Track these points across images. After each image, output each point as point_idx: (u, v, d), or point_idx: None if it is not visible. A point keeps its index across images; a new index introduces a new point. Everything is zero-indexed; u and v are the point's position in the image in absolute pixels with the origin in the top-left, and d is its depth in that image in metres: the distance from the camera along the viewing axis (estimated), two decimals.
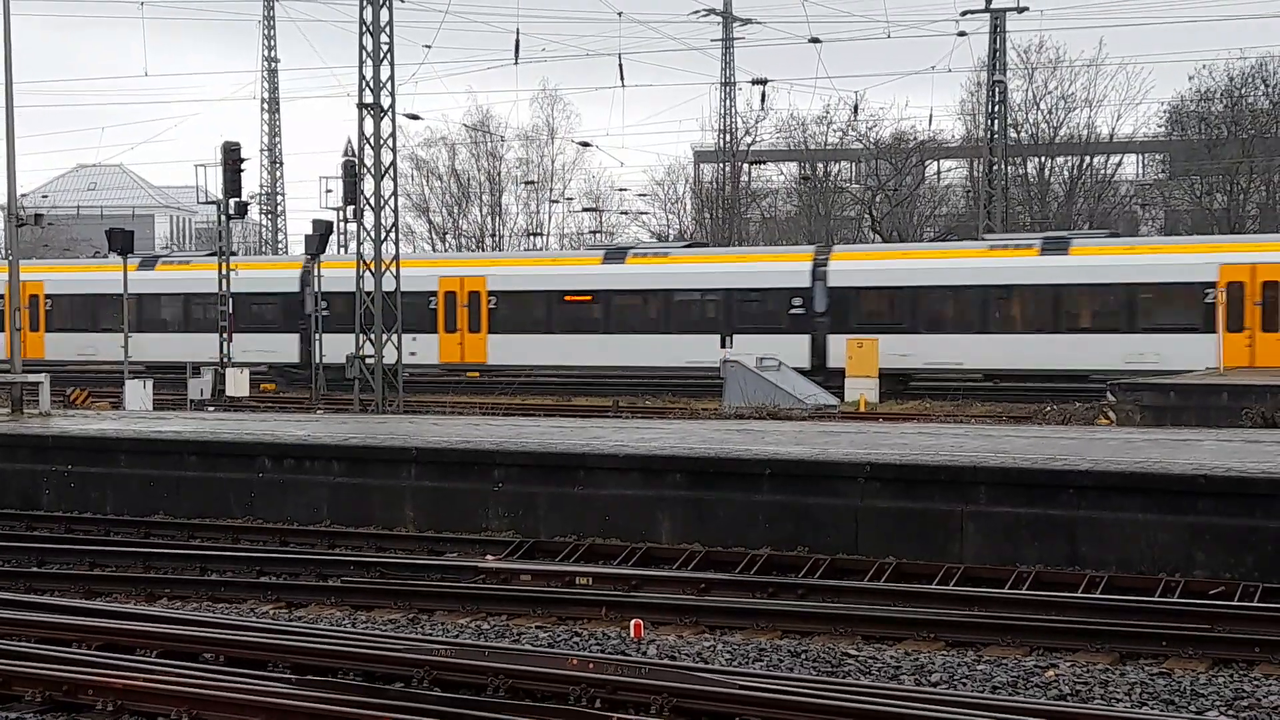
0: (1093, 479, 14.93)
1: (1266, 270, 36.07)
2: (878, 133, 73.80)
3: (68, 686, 9.88)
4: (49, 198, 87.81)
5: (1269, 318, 36.03)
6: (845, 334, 38.97)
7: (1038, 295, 38.33)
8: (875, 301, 39.97)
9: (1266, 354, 35.81)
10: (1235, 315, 35.97)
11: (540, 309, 42.75)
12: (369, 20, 33.97)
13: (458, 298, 43.82)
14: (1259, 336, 36.02)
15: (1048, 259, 38.50)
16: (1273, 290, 36.05)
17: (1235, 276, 36.19)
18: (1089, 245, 39.59)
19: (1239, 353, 35.81)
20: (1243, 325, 36.13)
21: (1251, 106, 69.08)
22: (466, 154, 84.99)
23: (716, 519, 16.42)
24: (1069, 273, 38.13)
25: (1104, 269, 38.03)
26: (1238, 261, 36.54)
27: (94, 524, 19.23)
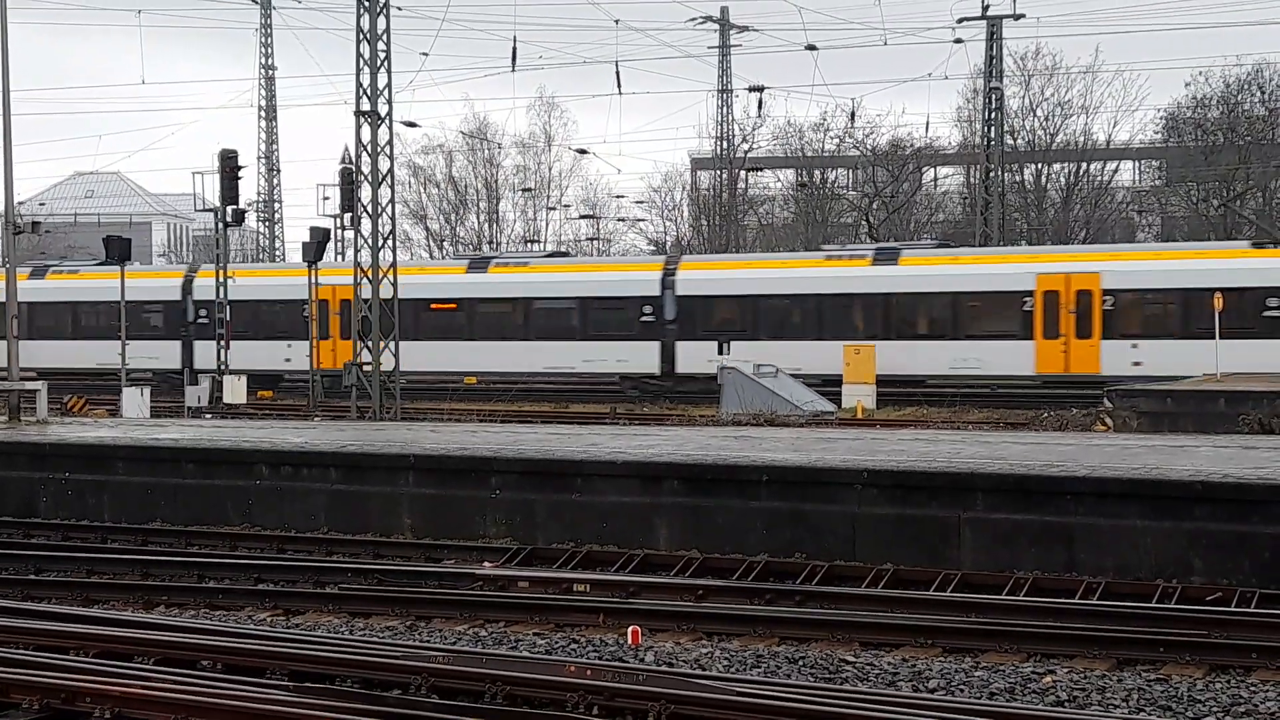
0: (1090, 485, 14.94)
1: (1079, 280, 38.03)
2: (874, 140, 73.95)
3: (65, 694, 9.86)
4: (46, 205, 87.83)
5: (1082, 325, 37.86)
6: (693, 341, 40.72)
7: (871, 304, 40.20)
8: (721, 309, 41.60)
9: (1080, 360, 37.81)
10: (1051, 322, 38.05)
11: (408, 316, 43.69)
12: (366, 28, 33.98)
13: (329, 306, 44.97)
14: (1073, 343, 37.89)
15: (879, 269, 40.27)
16: (1086, 298, 37.91)
17: (1051, 286, 38.21)
18: (917, 256, 41.30)
19: (1054, 358, 37.99)
20: (1058, 332, 38.06)
21: (1247, 113, 69.19)
22: (464, 161, 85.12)
23: (714, 526, 16.42)
24: (898, 282, 40.00)
25: (931, 278, 39.90)
26: (1053, 271, 38.56)
27: (91, 531, 19.22)
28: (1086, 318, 38.03)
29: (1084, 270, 38.44)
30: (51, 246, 72.69)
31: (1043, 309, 38.14)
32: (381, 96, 34.15)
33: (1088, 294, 38.02)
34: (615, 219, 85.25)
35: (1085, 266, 38.77)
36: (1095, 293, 38.02)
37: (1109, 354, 37.77)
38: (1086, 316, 38.02)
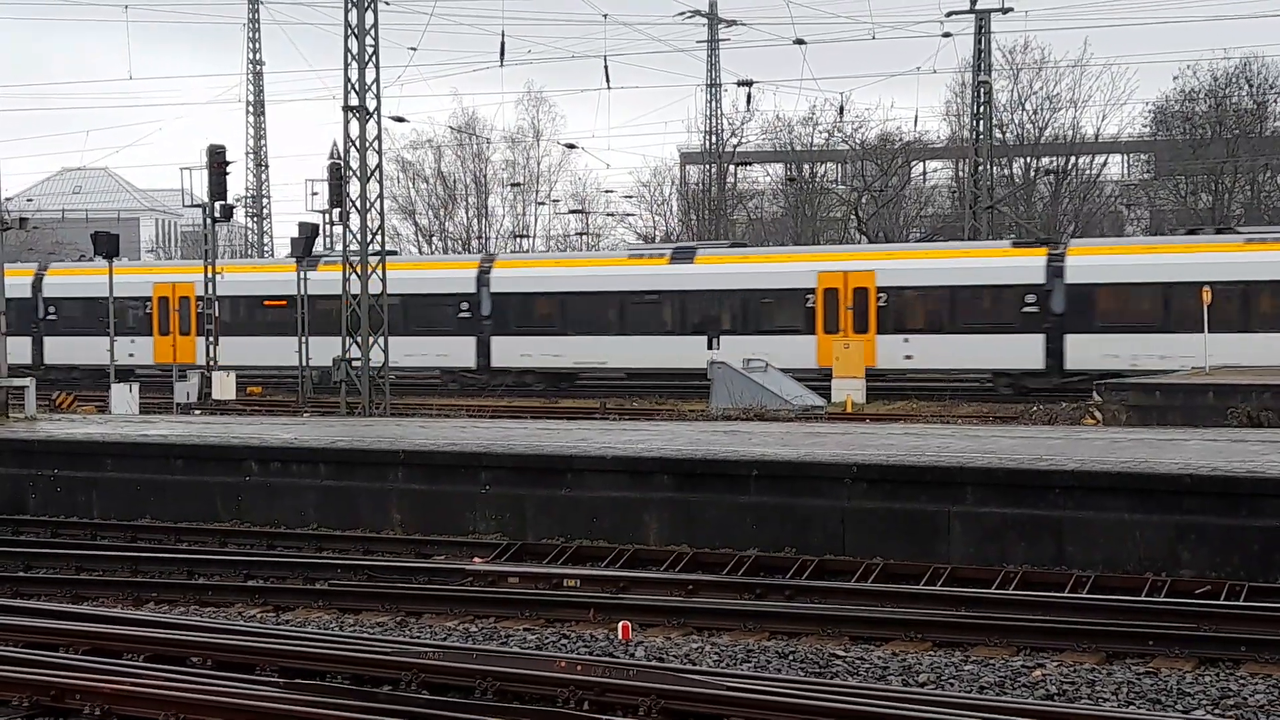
0: (1079, 479, 14.96)
1: (856, 278, 40.07)
2: (863, 134, 73.98)
3: (55, 691, 9.85)
4: (33, 201, 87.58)
5: (859, 320, 39.97)
6: (506, 336, 42.65)
7: (668, 300, 41.98)
8: (531, 306, 43.15)
9: (826, 354, 39.55)
10: (831, 318, 40.20)
11: (243, 312, 46.04)
12: (354, 23, 33.94)
13: (170, 303, 47.16)
14: (851, 338, 39.71)
15: (676, 267, 42.09)
16: (862, 296, 39.97)
17: (831, 284, 40.28)
18: (712, 255, 43.19)
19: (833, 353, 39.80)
20: (838, 328, 40.19)
21: (1235, 106, 69.29)
22: (452, 156, 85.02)
23: (704, 521, 16.43)
24: (694, 280, 41.79)
25: (723, 276, 41.70)
26: (832, 270, 40.57)
27: (81, 528, 19.20)
28: (863, 314, 40.01)
29: (860, 269, 40.43)
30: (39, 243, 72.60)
31: (823, 306, 40.23)
32: (370, 91, 34.13)
33: (864, 291, 40.01)
34: (604, 214, 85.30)
35: (861, 265, 40.76)
36: (871, 290, 39.99)
37: (883, 348, 39.76)
38: (863, 313, 40.00)
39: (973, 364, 38.79)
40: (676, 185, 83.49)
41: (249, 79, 75.33)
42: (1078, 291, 38.24)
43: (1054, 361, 38.19)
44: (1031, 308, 38.38)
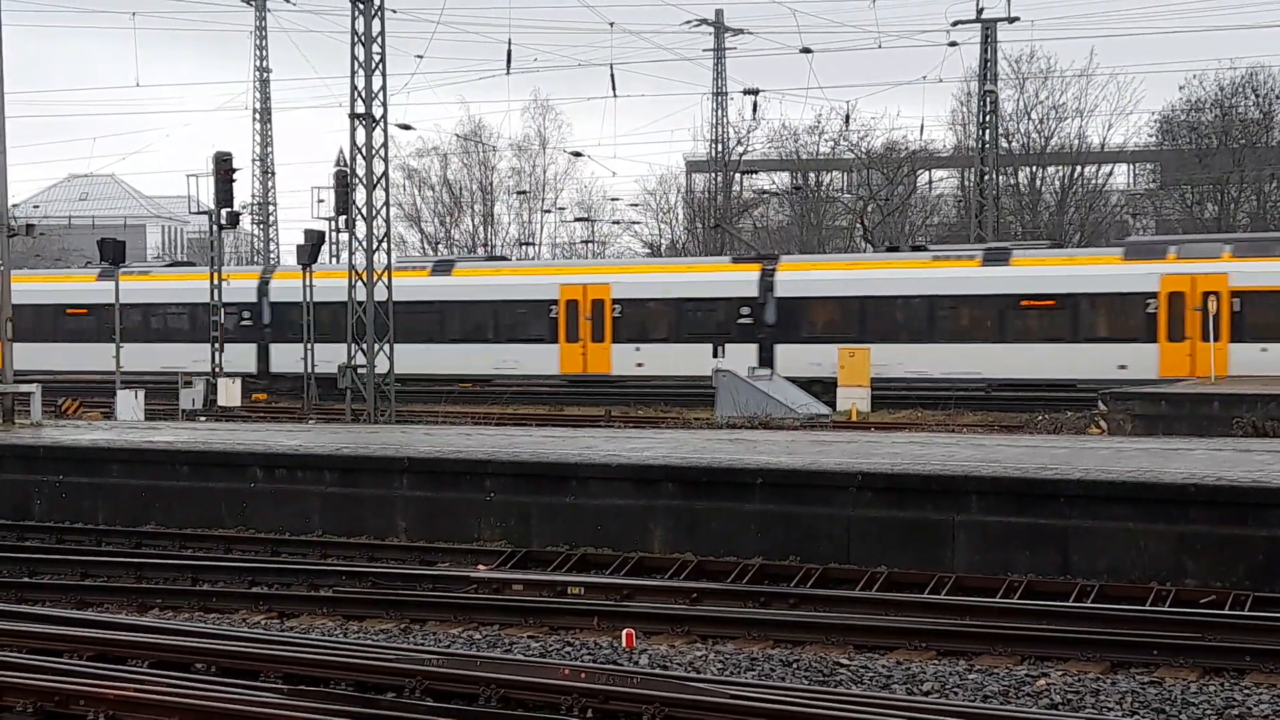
0: (1084, 488, 14.95)
1: (594, 290, 43.34)
2: (869, 142, 73.97)
3: (59, 697, 9.86)
4: (40, 208, 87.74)
5: (597, 330, 43.17)
6: (283, 343, 45.04)
7: (428, 310, 44.44)
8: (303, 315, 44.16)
9: (595, 361, 43.27)
10: (572, 328, 43.45)
11: (49, 321, 48.41)
12: (360, 31, 33.99)
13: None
14: (590, 346, 43.28)
15: (434, 279, 45.07)
16: (599, 307, 43.25)
17: (571, 295, 43.45)
18: (470, 268, 46.55)
19: (575, 360, 43.43)
20: (578, 336, 43.54)
21: (1241, 116, 69.29)
22: (458, 164, 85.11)
23: (708, 529, 16.42)
24: (450, 291, 44.82)
25: (478, 288, 44.86)
26: (573, 283, 43.76)
27: (85, 534, 19.20)
28: (600, 324, 43.09)
29: (597, 282, 43.59)
30: (46, 249, 72.67)
31: (565, 316, 43.28)
32: (376, 99, 34.17)
33: (600, 303, 43.15)
34: (610, 221, 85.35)
35: (598, 279, 43.94)
36: (607, 302, 43.08)
37: (618, 356, 42.89)
38: (600, 323, 43.10)
39: (695, 371, 40.61)
40: (682, 193, 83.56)
41: (255, 86, 75.37)
42: (786, 304, 41.24)
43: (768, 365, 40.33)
44: (746, 319, 41.37)
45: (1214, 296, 36.99)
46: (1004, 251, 41.23)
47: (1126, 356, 37.23)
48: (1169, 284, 37.77)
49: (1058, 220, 69.62)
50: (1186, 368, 36.60)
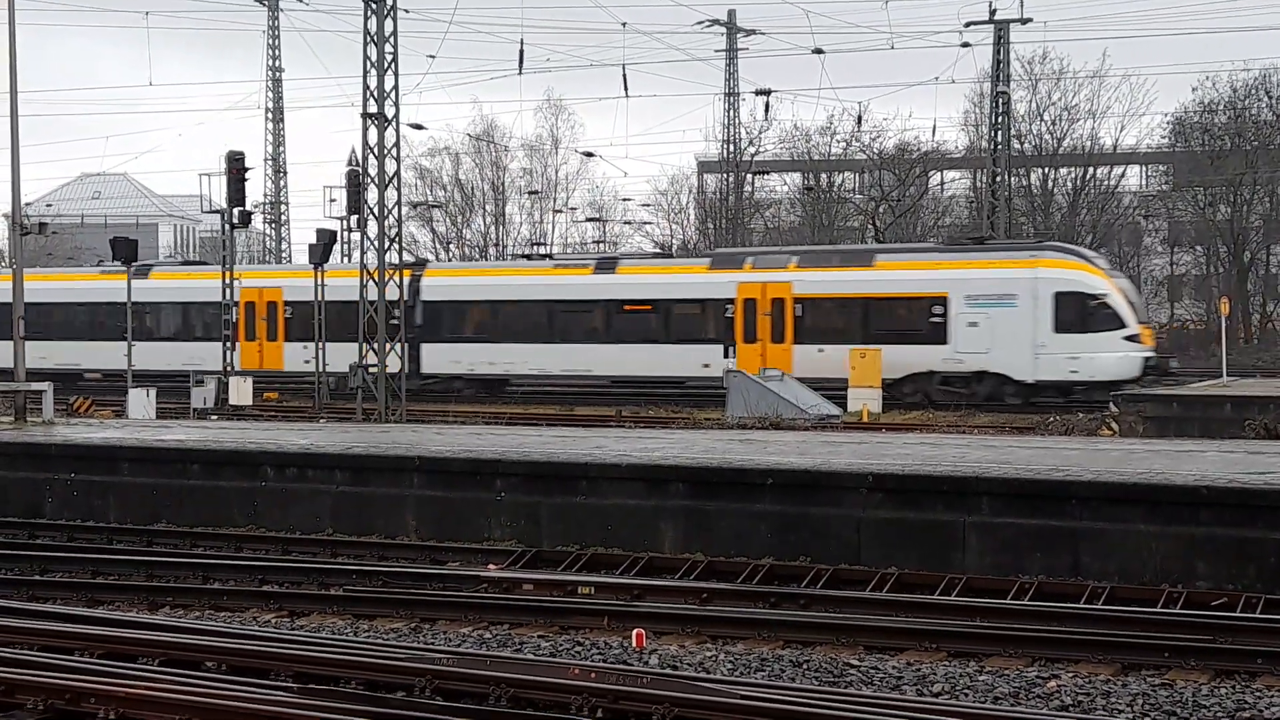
0: (1095, 490, 14.93)
1: (269, 293, 47.18)
2: (881, 143, 73.86)
3: (70, 695, 9.88)
4: (53, 206, 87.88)
5: (271, 329, 47.11)
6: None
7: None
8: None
9: (270, 359, 46.98)
10: (250, 327, 47.12)
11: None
12: (373, 30, 34.01)
13: None
14: (265, 345, 47.04)
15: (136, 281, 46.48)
16: (273, 308, 47.08)
17: (249, 298, 46.96)
18: (164, 271, 50.85)
19: (252, 358, 46.65)
20: (255, 335, 47.06)
21: (1255, 118, 69.15)
22: (470, 163, 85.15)
23: (719, 529, 16.42)
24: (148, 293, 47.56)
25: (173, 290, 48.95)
26: (253, 286, 47.16)
27: (96, 532, 19.24)
28: (274, 324, 47.05)
29: (270, 286, 47.56)
30: (59, 248, 72.86)
31: (245, 317, 46.68)
32: (388, 99, 34.18)
33: (274, 305, 47.12)
34: (622, 222, 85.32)
35: (270, 283, 47.79)
36: (279, 304, 46.97)
37: (289, 354, 46.71)
38: (273, 323, 47.04)
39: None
40: (694, 194, 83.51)
41: (268, 86, 75.52)
42: (431, 308, 44.81)
43: (414, 365, 43.03)
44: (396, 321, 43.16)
45: (781, 303, 40.99)
46: (613, 261, 45.02)
47: (710, 356, 40.25)
48: (744, 291, 41.41)
49: (1070, 222, 69.50)
50: (758, 366, 39.69)
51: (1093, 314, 37.70)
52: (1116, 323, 37.73)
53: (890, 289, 40.43)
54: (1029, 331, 37.65)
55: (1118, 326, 37.73)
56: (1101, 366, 36.99)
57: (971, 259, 39.26)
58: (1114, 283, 38.83)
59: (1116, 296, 38.12)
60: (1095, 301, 37.78)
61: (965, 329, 38.24)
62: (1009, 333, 37.73)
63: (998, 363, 37.95)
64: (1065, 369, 37.40)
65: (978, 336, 38.05)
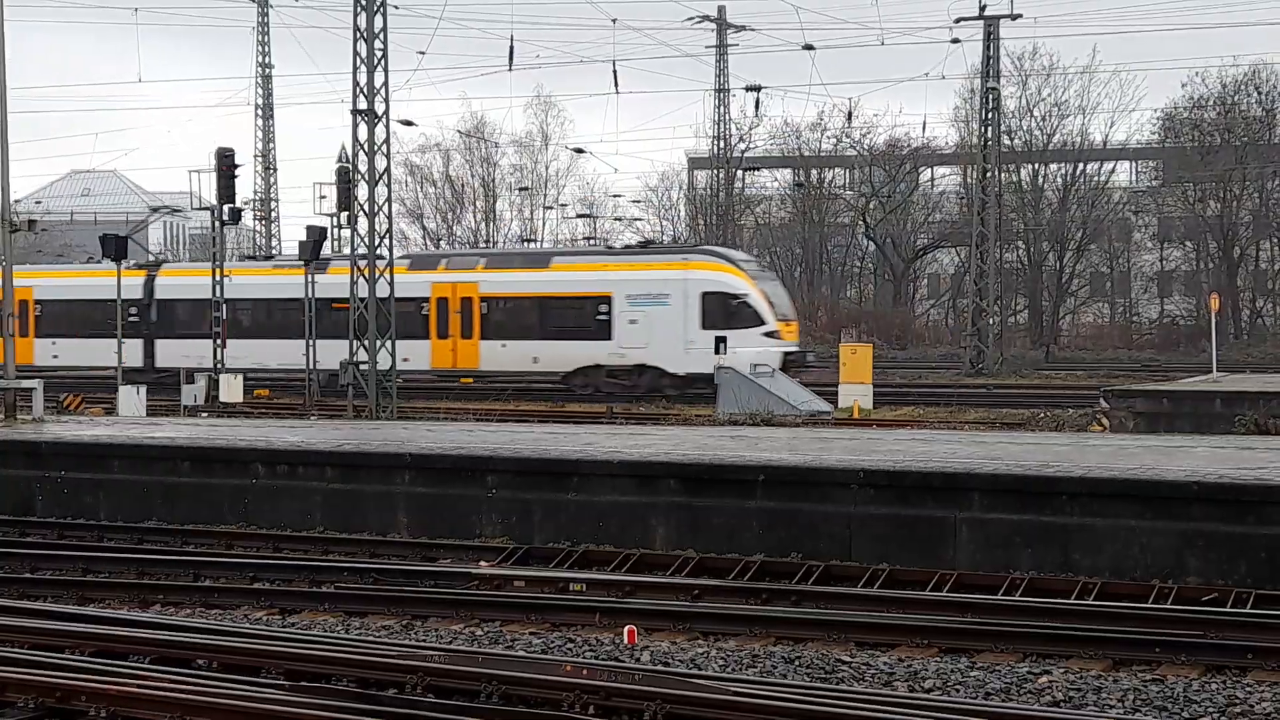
0: (1086, 485, 14.94)
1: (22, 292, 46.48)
2: (871, 139, 74.01)
3: (60, 693, 9.86)
4: (43, 203, 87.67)
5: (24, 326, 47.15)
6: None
7: None
8: None
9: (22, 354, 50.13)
10: None
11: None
12: (363, 27, 33.98)
13: None
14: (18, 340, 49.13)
15: None
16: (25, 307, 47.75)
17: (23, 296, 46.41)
18: None
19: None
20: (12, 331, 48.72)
21: (1244, 113, 69.26)
22: (461, 160, 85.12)
23: (710, 525, 16.42)
24: None
25: None
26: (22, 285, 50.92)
27: (87, 530, 19.20)
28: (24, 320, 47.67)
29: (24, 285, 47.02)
30: (48, 245, 72.70)
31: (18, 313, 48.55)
32: (378, 95, 34.17)
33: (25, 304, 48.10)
34: (612, 218, 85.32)
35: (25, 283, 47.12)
36: (30, 303, 49.20)
37: (39, 349, 49.71)
38: (24, 319, 47.64)
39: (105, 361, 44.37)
40: (684, 190, 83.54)
41: (258, 82, 75.44)
42: (162, 306, 48.46)
43: (150, 360, 47.22)
44: (134, 318, 47.39)
45: (469, 302, 44.72)
46: (325, 262, 45.82)
47: (410, 351, 41.23)
48: (438, 291, 45.00)
49: (1060, 218, 69.61)
50: (450, 361, 44.23)
51: (735, 312, 41.12)
52: (756, 320, 41.13)
53: (563, 289, 43.49)
54: (680, 328, 41.21)
55: (758, 323, 41.09)
56: (743, 360, 39.54)
57: (633, 262, 42.89)
58: (756, 284, 42.01)
59: (757, 296, 41.52)
60: (737, 300, 41.26)
61: (627, 326, 41.35)
62: (664, 329, 41.38)
63: (655, 357, 41.48)
64: (711, 362, 39.92)
65: (637, 333, 41.35)
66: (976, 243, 54.09)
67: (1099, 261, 74.11)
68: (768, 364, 39.08)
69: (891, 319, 71.39)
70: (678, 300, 41.37)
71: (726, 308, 41.21)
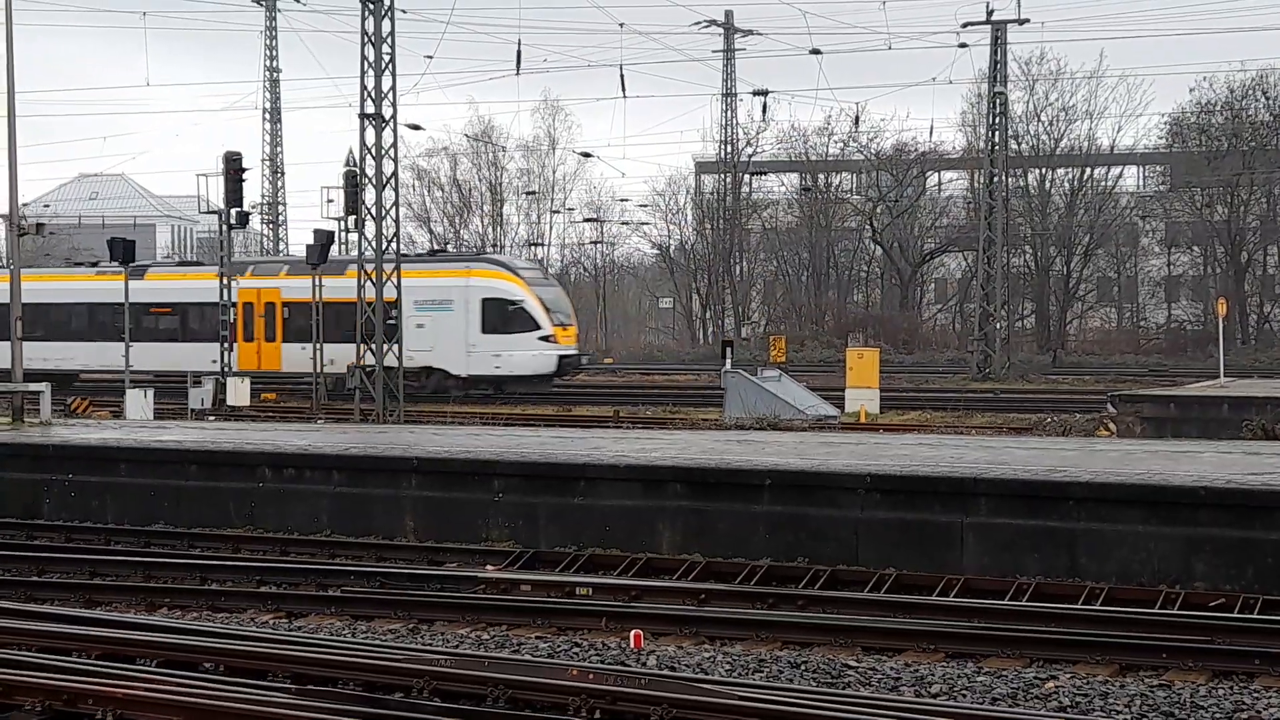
0: (1093, 490, 14.93)
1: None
2: (878, 144, 73.94)
3: (68, 696, 9.87)
4: (50, 207, 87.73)
5: None
6: None
7: None
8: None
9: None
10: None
11: None
12: (370, 31, 34.00)
13: None
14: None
15: None
16: None
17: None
18: None
19: None
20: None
21: (1252, 119, 69.19)
22: (468, 164, 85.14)
23: (716, 530, 16.42)
24: None
25: None
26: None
27: (94, 533, 19.23)
28: None
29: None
30: (56, 248, 72.76)
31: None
32: (385, 99, 34.17)
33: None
34: (619, 222, 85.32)
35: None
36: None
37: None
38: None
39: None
40: (691, 194, 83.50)
41: (266, 86, 75.54)
42: None
43: None
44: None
45: (273, 307, 46.41)
46: (143, 268, 48.23)
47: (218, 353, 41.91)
48: (244, 296, 46.22)
49: (1067, 222, 69.53)
50: (255, 363, 45.38)
51: (512, 317, 43.48)
52: (532, 325, 43.43)
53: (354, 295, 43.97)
54: (462, 332, 43.59)
55: (533, 328, 43.42)
56: (519, 362, 42.59)
57: (423, 269, 43.59)
58: (533, 291, 44.19)
59: (533, 302, 43.75)
60: (514, 307, 43.56)
61: (415, 330, 41.91)
62: (448, 333, 43.43)
63: (440, 359, 43.32)
64: (491, 365, 43.17)
65: (424, 336, 42.56)
66: (983, 247, 53.98)
67: (1106, 266, 74.02)
68: (543, 368, 42.60)
69: (898, 323, 71.32)
70: (460, 306, 43.76)
71: (504, 313, 43.66)
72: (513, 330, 43.01)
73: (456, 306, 43.75)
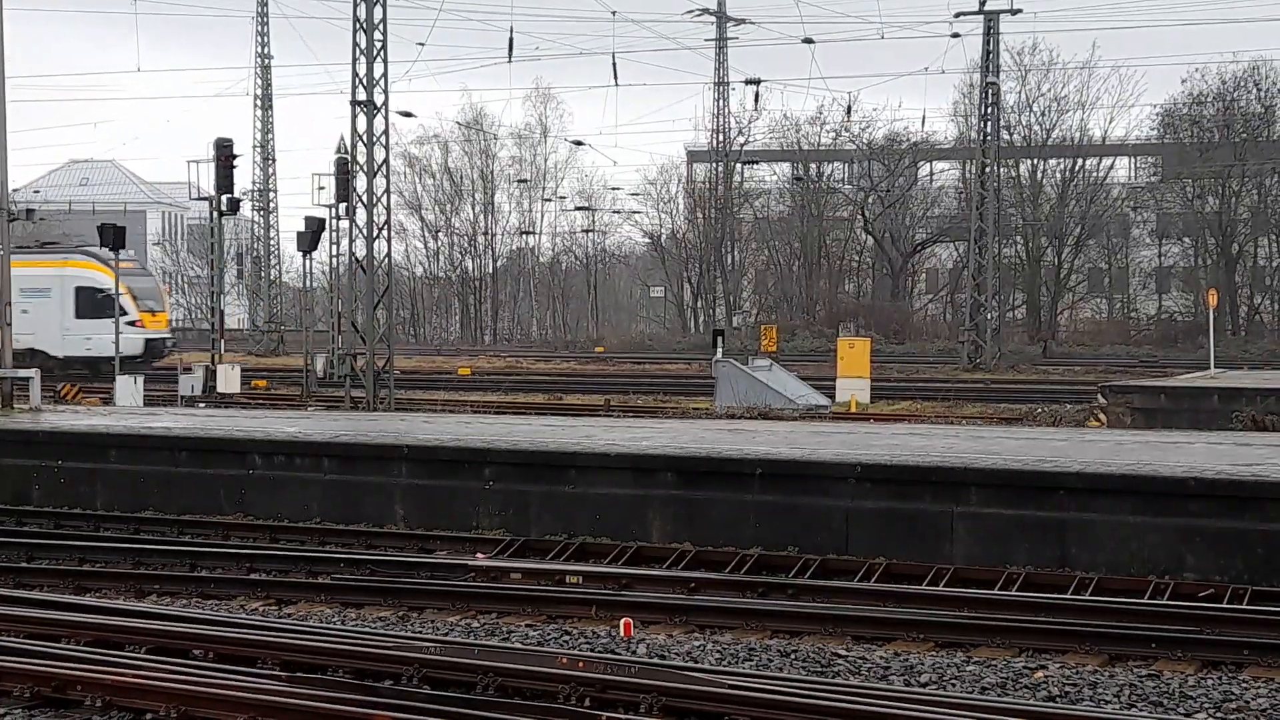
0: (1083, 481, 14.94)
1: None
2: (871, 134, 73.94)
3: (56, 682, 9.85)
4: (41, 193, 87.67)
5: None
6: None
7: None
8: None
9: None
10: None
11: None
12: (362, 17, 33.94)
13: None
14: None
15: None
16: None
17: None
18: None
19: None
20: None
21: (1243, 110, 69.24)
22: (459, 151, 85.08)
23: (707, 519, 16.42)
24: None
25: None
26: None
27: (84, 519, 19.20)
28: None
29: None
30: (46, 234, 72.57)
31: None
32: (377, 86, 34.12)
33: None
34: (611, 211, 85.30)
35: None
36: None
37: None
38: None
39: None
40: (683, 183, 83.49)
41: (257, 73, 75.30)
42: None
43: None
44: None
45: None
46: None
47: None
48: None
49: (1058, 213, 69.57)
50: None
51: (101, 304, 46.43)
52: (120, 311, 44.52)
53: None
54: (59, 317, 48.03)
55: (121, 314, 44.46)
56: (108, 345, 42.81)
57: (30, 259, 45.86)
58: (123, 281, 46.22)
59: (122, 291, 45.52)
60: (102, 294, 46.65)
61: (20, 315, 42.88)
62: (47, 318, 47.40)
63: (40, 342, 46.13)
64: (83, 346, 47.38)
65: (28, 321, 43.91)
66: (975, 238, 54.03)
67: (1097, 257, 74.10)
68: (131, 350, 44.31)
69: (889, 313, 71.35)
70: (57, 293, 48.17)
71: (94, 300, 47.52)
72: (103, 315, 45.05)
73: (54, 294, 48.04)
